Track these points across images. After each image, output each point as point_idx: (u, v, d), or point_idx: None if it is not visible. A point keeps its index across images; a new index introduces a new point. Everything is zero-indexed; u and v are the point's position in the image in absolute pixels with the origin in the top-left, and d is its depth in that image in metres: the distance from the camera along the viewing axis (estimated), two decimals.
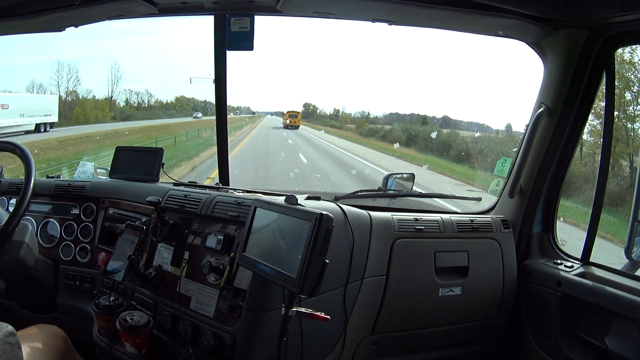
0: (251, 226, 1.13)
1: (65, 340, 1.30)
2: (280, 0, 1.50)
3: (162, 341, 1.27)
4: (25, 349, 1.06)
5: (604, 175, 1.50)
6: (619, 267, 1.54)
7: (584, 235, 1.58)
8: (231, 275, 1.21)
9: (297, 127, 15.48)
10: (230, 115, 1.96)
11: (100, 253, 1.59)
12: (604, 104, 1.51)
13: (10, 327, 0.88)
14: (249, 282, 1.17)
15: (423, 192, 1.97)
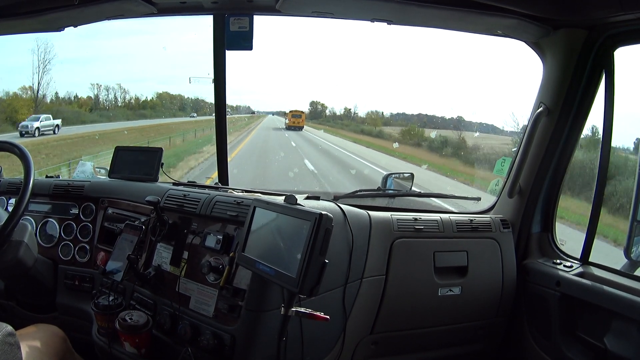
0: (250, 226, 1.13)
1: (65, 340, 1.30)
2: (280, 0, 1.50)
3: (161, 341, 1.26)
4: (24, 349, 1.06)
5: (603, 175, 1.50)
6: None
7: None
8: (230, 274, 1.21)
9: (300, 128, 15.06)
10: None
11: (99, 253, 1.59)
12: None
13: (9, 328, 0.88)
14: (248, 282, 1.17)
15: (422, 191, 1.97)
